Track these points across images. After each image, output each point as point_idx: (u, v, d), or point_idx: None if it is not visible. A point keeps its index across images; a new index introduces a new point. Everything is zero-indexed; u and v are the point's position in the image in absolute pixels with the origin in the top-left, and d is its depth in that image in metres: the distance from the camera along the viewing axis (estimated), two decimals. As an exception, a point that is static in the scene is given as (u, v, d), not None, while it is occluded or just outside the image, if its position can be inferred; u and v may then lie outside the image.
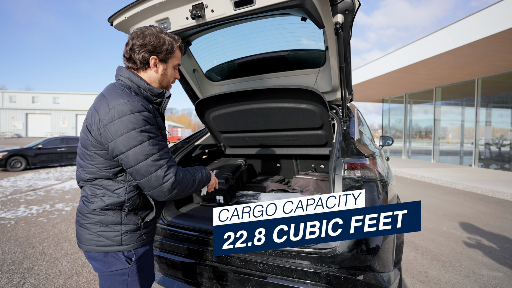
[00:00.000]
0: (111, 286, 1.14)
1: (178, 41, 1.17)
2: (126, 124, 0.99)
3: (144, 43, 1.08)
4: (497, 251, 3.16)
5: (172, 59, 1.16)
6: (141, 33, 1.09)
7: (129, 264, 1.13)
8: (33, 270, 2.68)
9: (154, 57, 1.11)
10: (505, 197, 5.91)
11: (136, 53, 1.09)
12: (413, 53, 8.76)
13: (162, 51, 1.10)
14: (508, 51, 7.33)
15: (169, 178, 1.02)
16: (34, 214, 4.54)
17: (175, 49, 1.16)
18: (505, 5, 6.13)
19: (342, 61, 1.66)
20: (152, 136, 1.03)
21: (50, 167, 11.13)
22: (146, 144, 1.01)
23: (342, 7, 1.46)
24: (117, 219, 1.11)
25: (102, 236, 1.11)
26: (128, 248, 1.12)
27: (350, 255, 1.33)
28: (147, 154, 1.00)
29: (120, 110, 1.00)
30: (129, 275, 1.13)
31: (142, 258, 1.17)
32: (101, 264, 1.13)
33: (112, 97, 1.04)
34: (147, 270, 1.21)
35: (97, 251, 1.11)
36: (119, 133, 0.99)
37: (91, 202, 1.11)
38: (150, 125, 1.04)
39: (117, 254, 1.12)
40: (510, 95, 10.01)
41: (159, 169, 1.01)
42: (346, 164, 1.46)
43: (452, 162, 11.80)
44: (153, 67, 1.12)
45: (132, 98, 1.04)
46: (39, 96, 39.95)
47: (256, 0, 1.27)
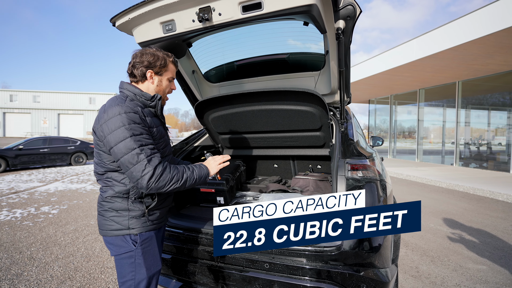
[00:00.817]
0: (122, 269, 1.30)
1: (171, 57, 1.38)
2: (114, 123, 1.18)
3: (142, 60, 1.31)
4: (480, 245, 3.35)
5: (165, 73, 1.36)
6: (140, 53, 1.32)
7: (135, 246, 1.28)
8: (22, 276, 2.59)
9: (150, 71, 1.32)
10: (485, 194, 6.23)
11: (136, 69, 1.31)
12: (399, 56, 9.06)
13: (156, 65, 1.32)
14: (485, 56, 7.73)
15: (148, 171, 1.16)
16: (19, 218, 4.36)
17: (168, 64, 1.36)
18: (483, 13, 6.47)
19: (342, 65, 1.72)
20: (136, 133, 1.19)
21: (31, 168, 10.68)
22: (129, 140, 1.17)
23: (344, 13, 1.51)
24: (124, 206, 1.28)
25: (113, 220, 1.28)
26: (134, 231, 1.29)
27: (353, 253, 1.38)
28: (129, 148, 1.16)
29: (111, 112, 1.20)
30: (136, 257, 1.29)
31: (147, 242, 1.32)
32: (114, 248, 1.31)
33: (109, 104, 1.26)
34: (152, 255, 1.34)
35: (111, 235, 1.29)
36: (109, 131, 1.19)
37: (104, 192, 1.30)
38: (135, 124, 1.20)
39: (125, 237, 1.28)
40: (487, 97, 10.55)
41: (138, 163, 1.16)
42: (350, 165, 1.51)
43: (435, 161, 12.29)
44: (149, 79, 1.33)
45: (122, 103, 1.23)
46: (17, 95, 38.12)
47: (264, 5, 1.30)
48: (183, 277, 1.66)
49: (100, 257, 2.98)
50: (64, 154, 11.13)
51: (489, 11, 6.35)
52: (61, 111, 36.35)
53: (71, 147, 11.35)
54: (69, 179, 8.21)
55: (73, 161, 11.41)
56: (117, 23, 1.59)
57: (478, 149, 10.75)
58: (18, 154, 9.89)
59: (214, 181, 2.07)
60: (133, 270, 1.29)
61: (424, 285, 2.46)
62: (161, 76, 1.35)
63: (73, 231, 3.78)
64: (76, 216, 4.50)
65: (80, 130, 35.85)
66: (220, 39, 2.08)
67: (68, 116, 36.38)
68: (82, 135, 35.28)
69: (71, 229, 3.87)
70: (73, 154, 11.40)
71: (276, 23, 1.86)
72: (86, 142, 12.05)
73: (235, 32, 1.93)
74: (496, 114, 10.38)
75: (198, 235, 1.66)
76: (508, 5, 5.95)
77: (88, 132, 35.65)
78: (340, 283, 1.36)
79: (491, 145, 10.29)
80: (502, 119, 10.07)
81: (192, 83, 2.31)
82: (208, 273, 1.57)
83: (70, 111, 36.45)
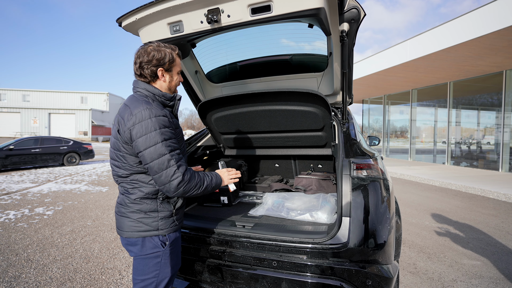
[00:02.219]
0: (145, 268, 1.29)
1: (176, 50, 1.34)
2: (145, 127, 1.17)
3: (150, 59, 1.26)
4: (474, 241, 3.45)
5: (174, 67, 1.34)
6: (144, 51, 1.27)
7: (163, 247, 1.29)
8: (20, 278, 2.55)
9: (160, 69, 1.29)
10: (476, 192, 6.40)
11: (145, 69, 1.27)
12: (392, 57, 9.21)
13: (165, 62, 1.28)
14: (476, 57, 7.93)
15: (177, 177, 1.17)
16: (12, 220, 4.28)
17: (175, 57, 1.33)
18: (474, 16, 6.64)
19: (345, 67, 1.75)
20: (167, 138, 1.19)
21: (23, 169, 10.46)
22: (160, 145, 1.17)
23: (348, 16, 1.54)
24: (154, 207, 1.28)
25: (142, 222, 1.28)
26: (163, 232, 1.30)
27: (359, 250, 1.41)
28: (160, 154, 1.16)
29: (140, 116, 1.18)
30: (162, 257, 1.30)
31: (174, 243, 1.34)
32: (139, 248, 1.29)
33: (134, 106, 1.22)
34: (176, 255, 1.37)
35: (137, 236, 1.28)
36: (139, 135, 1.17)
37: (131, 194, 1.28)
38: (166, 128, 1.20)
39: (153, 238, 1.28)
40: (477, 98, 10.82)
41: (169, 168, 1.17)
42: (355, 164, 1.55)
43: (427, 160, 12.53)
44: (161, 78, 1.31)
45: (150, 105, 1.22)
46: (6, 93, 37.20)
47: (273, 7, 1.32)
48: (190, 276, 1.67)
49: (99, 258, 2.96)
50: (56, 154, 10.93)
51: (480, 14, 6.52)
52: (52, 110, 35.57)
53: (64, 147, 11.15)
54: (63, 180, 8.08)
55: (65, 161, 11.21)
56: (124, 23, 1.58)
57: (468, 148, 11.02)
58: (8, 155, 9.67)
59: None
60: (157, 269, 1.29)
61: (422, 281, 2.52)
62: (171, 72, 1.33)
63: (70, 232, 3.73)
64: (72, 217, 4.44)
65: (71, 130, 35.17)
66: (223, 40, 2.09)
67: (59, 116, 35.62)
68: (74, 134, 34.64)
69: (67, 230, 3.82)
70: (66, 154, 11.20)
71: (280, 25, 1.89)
72: (79, 142, 11.85)
73: (238, 33, 1.94)
74: (485, 114, 10.65)
75: (204, 234, 1.67)
76: (498, 9, 6.12)
77: (80, 132, 35.03)
78: (346, 279, 1.39)
79: (481, 145, 10.56)
80: (491, 119, 10.35)
81: (195, 83, 2.31)
82: (216, 272, 1.58)
83: (61, 110, 35.72)
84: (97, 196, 6.01)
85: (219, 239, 1.62)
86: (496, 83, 9.52)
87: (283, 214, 1.81)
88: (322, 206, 1.81)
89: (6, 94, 37.13)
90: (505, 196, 5.78)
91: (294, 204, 1.91)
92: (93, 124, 35.79)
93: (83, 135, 34.77)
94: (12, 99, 37.11)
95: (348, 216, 1.45)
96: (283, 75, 2.27)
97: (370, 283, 1.39)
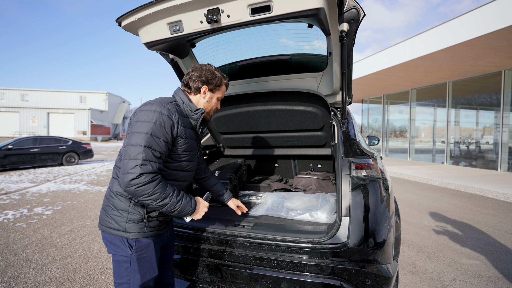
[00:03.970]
0: (119, 271, 1.29)
1: (226, 79, 1.48)
2: (146, 115, 1.22)
3: (201, 75, 1.38)
4: (473, 241, 3.46)
5: (217, 92, 1.44)
6: (200, 67, 1.40)
7: (130, 251, 1.26)
8: (19, 279, 2.54)
9: (205, 87, 1.39)
10: (475, 191, 6.42)
11: (193, 81, 1.38)
12: (392, 56, 9.22)
13: (212, 83, 1.40)
14: (475, 57, 7.95)
15: (134, 172, 1.12)
16: (11, 220, 4.27)
17: (222, 84, 1.45)
18: (473, 16, 6.66)
19: (345, 66, 1.75)
20: (154, 134, 1.19)
21: (21, 168, 10.43)
22: (143, 135, 1.17)
23: (348, 16, 1.54)
24: (125, 206, 1.26)
25: (113, 219, 1.27)
26: (130, 236, 1.26)
27: (359, 249, 1.42)
28: (137, 143, 1.16)
29: (150, 106, 1.24)
30: (131, 263, 1.27)
31: (143, 249, 1.29)
32: (111, 246, 1.29)
33: (154, 99, 1.31)
34: (148, 262, 1.31)
35: (108, 232, 1.28)
36: (137, 119, 1.23)
37: (113, 184, 1.30)
38: (162, 127, 1.21)
39: (122, 239, 1.27)
40: (475, 98, 10.84)
41: (133, 159, 1.14)
42: (355, 164, 1.55)
43: (426, 160, 12.56)
44: (202, 94, 1.40)
45: (165, 103, 1.27)
46: (4, 93, 37.06)
47: (273, 7, 1.32)
48: (190, 276, 1.67)
49: (98, 258, 2.96)
50: (55, 154, 10.91)
51: (479, 14, 6.54)
52: (51, 110, 35.46)
53: (63, 146, 11.13)
54: (62, 180, 8.06)
55: (64, 161, 11.19)
56: (123, 23, 1.58)
57: (467, 148, 11.05)
58: (7, 154, 9.64)
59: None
60: (128, 274, 1.27)
61: (421, 280, 2.53)
62: (213, 94, 1.42)
63: (69, 232, 3.73)
64: (71, 217, 4.43)
65: (70, 129, 35.08)
66: (223, 40, 2.09)
67: (58, 115, 35.52)
68: (73, 134, 34.56)
69: (66, 230, 3.82)
70: (65, 154, 11.18)
71: (279, 25, 1.88)
72: (78, 141, 11.81)
73: (237, 33, 1.94)
74: (484, 113, 10.68)
75: (204, 234, 1.67)
76: (497, 9, 6.13)
77: (79, 131, 34.95)
78: (346, 278, 1.39)
79: (480, 144, 10.59)
80: (490, 118, 10.38)
81: (194, 83, 2.31)
82: (215, 272, 1.58)
83: (60, 110, 35.62)
84: (96, 195, 6.00)
85: (218, 239, 1.62)
86: (495, 83, 9.55)
87: (282, 213, 1.81)
88: (322, 206, 1.81)
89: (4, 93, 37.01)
90: (504, 196, 5.80)
91: (293, 204, 1.91)
92: (92, 124, 35.72)
93: (82, 135, 34.70)
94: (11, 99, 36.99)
95: (348, 216, 1.46)
96: (282, 75, 2.26)
97: (369, 282, 1.40)
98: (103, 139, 36.94)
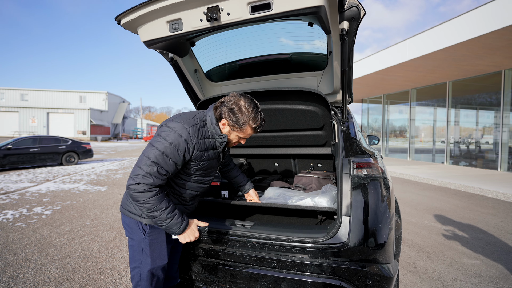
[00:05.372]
0: (133, 256, 1.41)
1: (255, 124, 1.38)
2: (166, 133, 1.30)
3: (228, 109, 1.35)
4: (473, 241, 3.45)
5: (238, 132, 1.39)
6: (233, 102, 1.36)
7: (144, 235, 1.38)
8: (18, 278, 2.53)
9: (226, 120, 1.38)
10: (475, 191, 6.41)
11: (219, 109, 1.38)
12: (392, 56, 9.22)
13: (232, 120, 1.36)
14: (474, 57, 7.94)
15: (136, 180, 1.24)
16: (10, 219, 4.26)
17: (246, 128, 1.38)
18: (473, 15, 6.65)
19: (345, 65, 1.74)
20: (166, 154, 1.26)
21: (21, 168, 10.42)
22: (156, 152, 1.27)
23: (348, 14, 1.53)
24: None
25: (131, 202, 1.38)
26: (145, 221, 1.37)
27: (359, 249, 1.41)
28: (148, 156, 1.27)
29: (174, 125, 1.32)
30: (143, 246, 1.38)
31: (155, 234, 1.40)
32: (128, 229, 1.41)
33: (184, 116, 1.37)
34: (159, 248, 1.41)
35: (126, 215, 1.40)
36: (157, 133, 1.33)
37: None
38: (176, 150, 1.27)
39: (138, 223, 1.38)
40: (475, 97, 10.84)
41: (140, 167, 1.25)
42: (355, 163, 1.54)
43: (426, 160, 12.56)
44: (222, 124, 1.41)
45: (190, 125, 1.32)
46: (4, 93, 37.04)
47: (273, 5, 1.31)
48: (189, 276, 1.66)
49: (98, 258, 2.95)
50: (55, 153, 10.89)
51: (479, 14, 6.53)
52: (51, 109, 35.42)
53: (62, 146, 11.11)
54: (61, 179, 8.05)
55: (64, 161, 11.18)
56: (122, 21, 1.57)
57: (467, 147, 11.05)
58: (6, 154, 9.63)
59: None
60: (140, 258, 1.38)
61: (422, 280, 2.52)
62: (233, 132, 1.41)
63: (69, 232, 3.72)
64: (70, 216, 4.42)
65: (70, 129, 35.05)
66: (223, 39, 2.08)
67: (57, 115, 35.49)
68: (73, 134, 34.53)
69: (66, 230, 3.81)
70: (64, 154, 11.17)
71: (279, 23, 1.88)
72: (77, 141, 11.80)
73: (237, 31, 1.93)
74: (484, 113, 10.68)
75: (203, 233, 1.66)
76: (497, 8, 6.12)
77: (79, 131, 34.92)
78: (347, 278, 1.38)
79: (480, 144, 10.59)
80: (490, 118, 10.38)
81: (194, 82, 2.30)
82: (215, 272, 1.57)
83: (60, 109, 35.59)
84: (95, 195, 5.99)
85: (218, 238, 1.61)
86: (495, 83, 9.55)
87: (283, 200, 1.82)
88: (323, 192, 1.81)
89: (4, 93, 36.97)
90: (504, 195, 5.80)
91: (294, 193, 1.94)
92: (92, 124, 35.69)
93: (82, 135, 34.67)
94: (10, 98, 36.96)
95: (348, 215, 1.45)
96: (282, 74, 2.25)
97: (370, 282, 1.39)
98: (103, 139, 36.91)
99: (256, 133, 1.44)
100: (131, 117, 56.79)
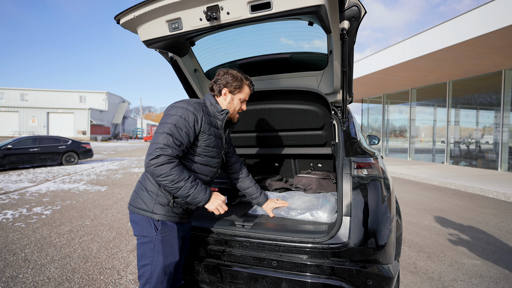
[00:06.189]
0: (144, 253, 1.39)
1: (248, 81, 1.57)
2: (174, 110, 1.38)
3: (222, 78, 1.52)
4: (473, 241, 3.45)
5: (238, 94, 1.55)
6: (223, 72, 1.53)
7: (156, 232, 1.36)
8: (17, 279, 2.53)
9: (225, 89, 1.52)
10: (475, 191, 6.41)
11: (216, 85, 1.53)
12: (392, 56, 9.20)
13: (232, 85, 1.52)
14: (475, 57, 7.93)
15: (154, 153, 1.27)
16: (10, 219, 4.25)
17: (243, 86, 1.55)
18: (474, 15, 6.64)
19: (346, 65, 1.74)
20: (178, 126, 1.33)
21: (21, 168, 10.42)
22: (168, 125, 1.33)
23: (349, 14, 1.53)
24: (155, 189, 1.39)
25: (142, 200, 1.39)
26: (157, 217, 1.37)
27: (360, 249, 1.40)
28: (162, 130, 1.32)
29: (179, 103, 1.41)
30: (155, 243, 1.37)
31: (167, 231, 1.39)
32: (138, 227, 1.40)
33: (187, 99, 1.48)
34: (171, 245, 1.41)
35: (136, 213, 1.40)
36: (166, 111, 1.41)
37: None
38: (186, 121, 1.35)
39: (149, 219, 1.37)
40: (475, 97, 10.83)
41: (156, 143, 1.30)
42: (356, 163, 1.53)
43: (426, 160, 12.55)
44: (223, 96, 1.54)
45: (193, 102, 1.42)
46: (4, 93, 37.04)
47: (273, 4, 1.30)
48: (189, 276, 1.65)
49: (98, 258, 2.94)
50: (55, 153, 10.89)
51: (479, 14, 6.52)
52: (51, 109, 35.40)
53: (62, 146, 11.11)
54: (61, 179, 8.04)
55: (64, 161, 11.18)
56: (122, 21, 1.56)
57: (467, 147, 11.04)
58: (6, 154, 9.63)
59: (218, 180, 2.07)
60: (152, 256, 1.36)
61: (422, 281, 2.52)
62: (233, 95, 1.54)
63: (68, 232, 3.71)
64: (70, 216, 4.41)
65: (70, 129, 35.04)
66: (223, 38, 2.07)
67: (57, 115, 35.48)
68: (73, 134, 34.52)
69: (65, 230, 3.80)
70: (64, 154, 11.17)
71: (279, 23, 1.87)
72: (77, 141, 11.80)
73: (237, 31, 1.92)
74: (484, 113, 10.67)
75: (203, 233, 1.65)
76: (497, 8, 6.11)
77: (79, 131, 34.91)
78: (347, 279, 1.38)
79: (480, 144, 10.58)
80: (490, 118, 10.37)
81: (194, 82, 2.29)
82: (215, 272, 1.57)
83: (60, 109, 35.58)
84: (95, 195, 5.99)
85: (218, 238, 1.60)
86: (495, 83, 9.54)
87: (283, 213, 1.79)
88: (323, 205, 1.80)
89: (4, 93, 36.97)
90: (504, 195, 5.79)
91: (294, 204, 1.90)
92: (92, 124, 35.69)
93: (82, 135, 34.67)
94: (10, 98, 36.96)
95: (349, 216, 1.44)
96: (282, 74, 2.25)
97: (370, 283, 1.38)
98: (103, 139, 36.91)
99: (251, 91, 1.60)
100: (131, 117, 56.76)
